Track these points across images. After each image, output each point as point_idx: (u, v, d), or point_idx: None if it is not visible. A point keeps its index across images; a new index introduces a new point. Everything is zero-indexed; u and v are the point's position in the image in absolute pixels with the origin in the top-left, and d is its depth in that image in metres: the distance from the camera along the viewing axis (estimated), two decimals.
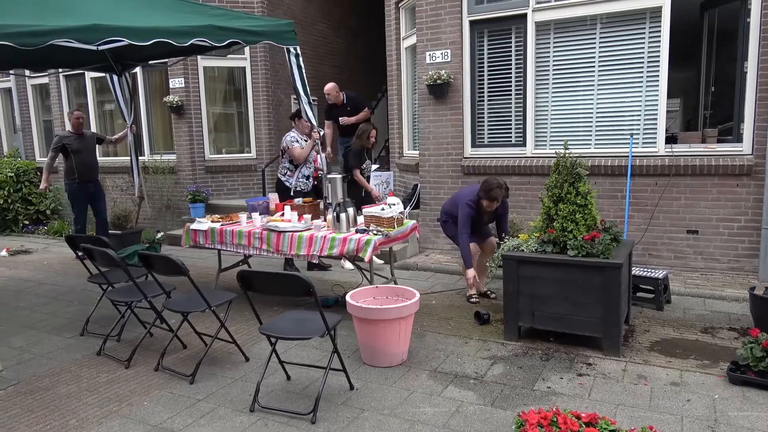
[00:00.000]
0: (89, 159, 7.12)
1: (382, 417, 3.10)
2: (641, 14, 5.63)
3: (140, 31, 4.09)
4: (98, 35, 3.89)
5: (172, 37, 4.25)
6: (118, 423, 3.13)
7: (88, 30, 3.84)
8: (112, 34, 3.93)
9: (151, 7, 4.67)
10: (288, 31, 5.11)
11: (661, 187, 5.61)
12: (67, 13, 3.92)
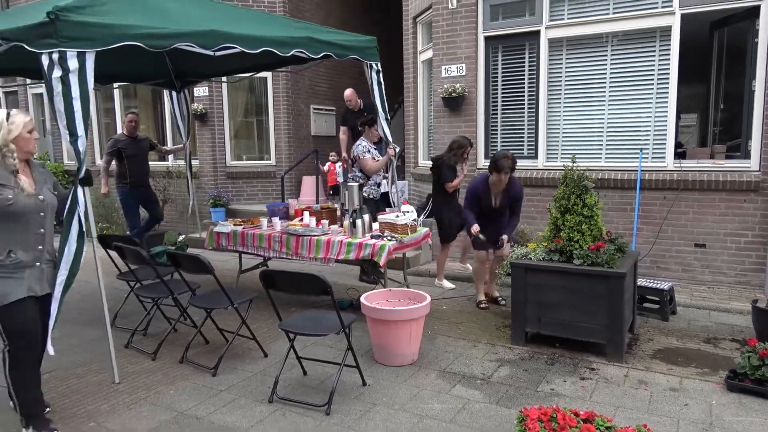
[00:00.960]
0: (142, 163, 7.05)
1: (392, 411, 3.29)
2: (652, 33, 5.80)
3: (250, 39, 4.23)
4: (215, 41, 4.04)
5: (277, 46, 4.40)
6: (146, 409, 3.37)
7: (207, 35, 3.99)
8: (227, 41, 4.07)
9: (249, 18, 4.81)
10: (371, 47, 5.26)
11: (669, 201, 5.75)
12: (178, 21, 4.04)
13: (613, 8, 5.94)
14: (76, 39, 3.35)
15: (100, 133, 11.08)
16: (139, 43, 3.64)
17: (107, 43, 3.50)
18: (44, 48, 3.32)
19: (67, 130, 3.40)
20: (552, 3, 6.22)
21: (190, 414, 3.30)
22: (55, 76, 3.32)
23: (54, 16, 3.27)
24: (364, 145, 5.89)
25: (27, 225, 2.96)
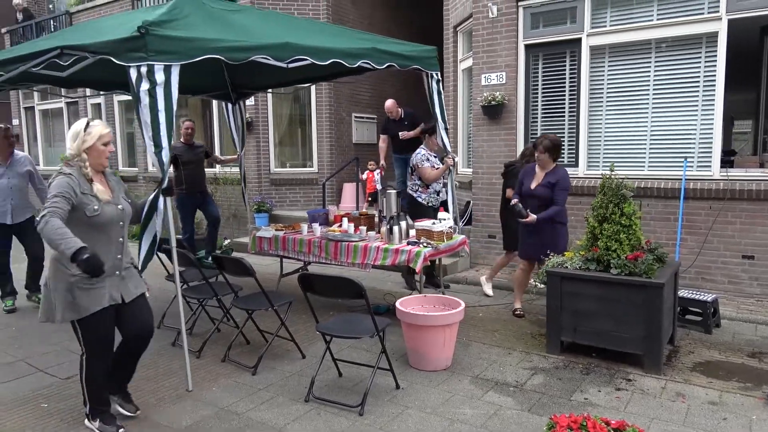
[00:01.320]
0: (197, 170, 7.20)
1: (424, 414, 3.35)
2: (697, 39, 5.68)
3: (321, 51, 4.29)
4: (289, 53, 4.09)
5: (345, 57, 4.46)
6: (190, 403, 3.54)
7: (281, 48, 4.06)
8: (299, 53, 4.13)
9: (316, 30, 4.91)
10: (432, 57, 5.32)
11: (715, 210, 5.59)
12: (253, 34, 4.12)
13: (657, 14, 5.85)
14: (163, 53, 3.45)
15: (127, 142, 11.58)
16: (220, 56, 3.72)
17: (191, 56, 3.58)
18: (132, 61, 3.40)
19: (152, 142, 3.48)
20: (594, 10, 6.17)
21: (231, 410, 3.45)
22: (143, 89, 3.41)
23: (144, 31, 3.36)
24: (423, 154, 5.91)
25: (109, 235, 3.00)
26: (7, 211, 5.44)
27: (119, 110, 11.86)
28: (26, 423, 3.32)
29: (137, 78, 3.41)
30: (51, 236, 2.67)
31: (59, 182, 2.86)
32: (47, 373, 4.07)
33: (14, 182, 5.47)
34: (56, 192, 2.81)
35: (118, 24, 4.04)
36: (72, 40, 3.82)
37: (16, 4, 13.52)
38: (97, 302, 2.95)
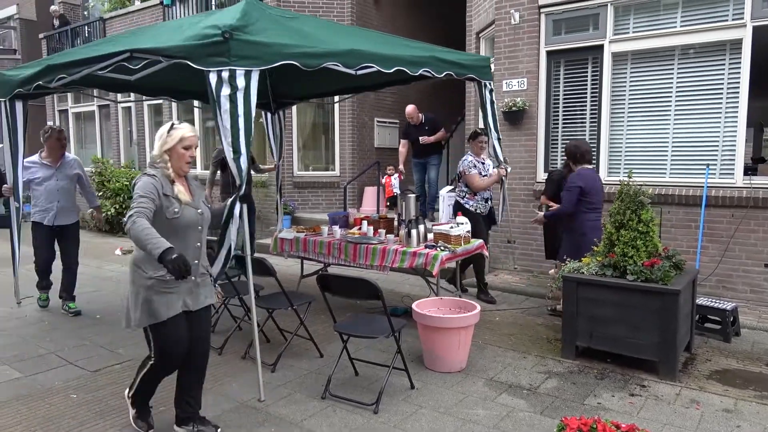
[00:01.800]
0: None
1: (438, 414, 3.42)
2: (721, 46, 5.65)
3: (386, 59, 4.22)
4: (357, 61, 4.01)
5: (408, 66, 4.38)
6: (212, 398, 3.67)
7: (350, 55, 3.99)
8: (367, 60, 4.05)
9: (376, 39, 4.86)
10: (486, 67, 5.29)
11: (737, 218, 5.54)
12: (320, 41, 4.04)
13: (681, 21, 5.84)
14: (244, 58, 3.38)
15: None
16: (296, 62, 3.63)
17: (269, 62, 3.51)
18: (213, 66, 3.34)
19: (231, 147, 3.41)
20: (617, 17, 6.18)
21: (250, 405, 3.57)
22: (224, 94, 3.34)
23: (228, 35, 3.29)
24: (470, 160, 5.85)
25: (187, 239, 2.95)
26: (53, 213, 5.42)
27: (149, 113, 12.18)
28: (57, 412, 3.49)
29: (217, 83, 3.35)
30: (139, 236, 2.64)
31: (144, 183, 2.84)
32: (77, 366, 4.25)
33: (62, 184, 5.46)
34: (141, 192, 2.79)
35: (176, 28, 3.97)
36: (136, 44, 3.77)
37: (53, 11, 14.02)
38: (172, 308, 2.89)
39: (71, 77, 4.01)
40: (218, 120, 3.40)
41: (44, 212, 5.41)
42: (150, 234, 2.66)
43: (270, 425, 3.31)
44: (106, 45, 4.29)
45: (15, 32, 17.61)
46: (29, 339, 4.86)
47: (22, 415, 3.45)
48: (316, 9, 9.28)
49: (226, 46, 3.33)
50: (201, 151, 11.20)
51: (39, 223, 5.43)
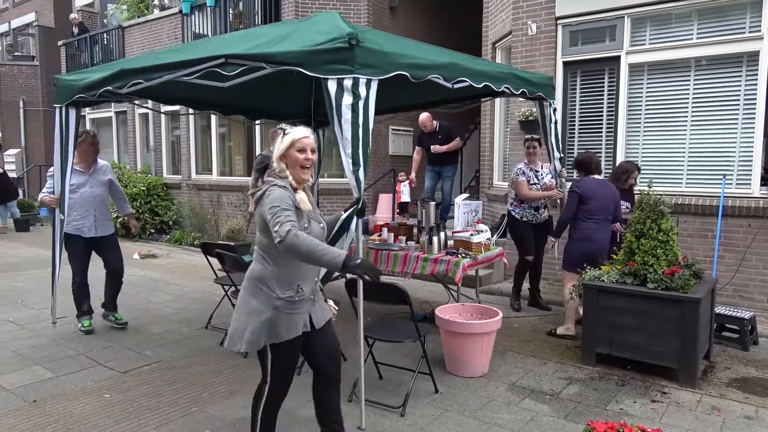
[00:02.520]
0: None
1: (463, 417, 3.49)
2: (738, 58, 5.72)
3: (477, 74, 4.18)
4: (455, 74, 3.95)
5: (493, 81, 4.35)
6: (240, 399, 3.76)
7: (450, 68, 3.94)
8: (461, 74, 3.99)
9: (457, 55, 4.71)
10: (550, 86, 5.31)
11: (754, 228, 5.59)
12: (419, 54, 3.93)
13: (698, 33, 5.92)
14: (366, 66, 3.28)
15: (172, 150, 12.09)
16: (407, 73, 3.54)
17: (386, 72, 3.41)
18: (332, 73, 3.22)
19: (350, 159, 3.25)
20: (633, 28, 6.27)
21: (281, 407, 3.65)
22: (346, 103, 3.23)
23: (355, 42, 3.20)
24: (519, 167, 5.85)
25: None
26: (91, 223, 5.09)
27: (165, 121, 12.36)
28: (93, 411, 3.59)
29: (338, 91, 3.23)
30: (310, 247, 2.46)
31: (281, 195, 2.58)
32: (106, 367, 4.36)
33: (97, 191, 5.15)
34: (283, 206, 2.54)
35: (255, 37, 3.91)
36: (221, 50, 3.60)
37: (72, 19, 14.29)
38: (294, 329, 2.70)
39: (149, 83, 3.83)
40: (337, 130, 3.26)
41: (81, 223, 5.05)
42: (320, 244, 2.51)
43: (300, 426, 3.40)
44: (177, 53, 4.17)
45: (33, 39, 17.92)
46: (58, 340, 4.97)
47: (58, 413, 3.56)
48: None
49: (351, 53, 3.21)
50: (218, 158, 11.36)
51: (75, 236, 5.03)
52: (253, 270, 2.72)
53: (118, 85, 4.02)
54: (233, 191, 10.47)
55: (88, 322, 5.18)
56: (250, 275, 2.73)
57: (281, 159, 2.69)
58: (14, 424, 3.41)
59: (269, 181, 2.69)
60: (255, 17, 10.22)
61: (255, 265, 2.74)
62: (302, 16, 9.36)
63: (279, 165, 2.69)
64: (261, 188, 2.69)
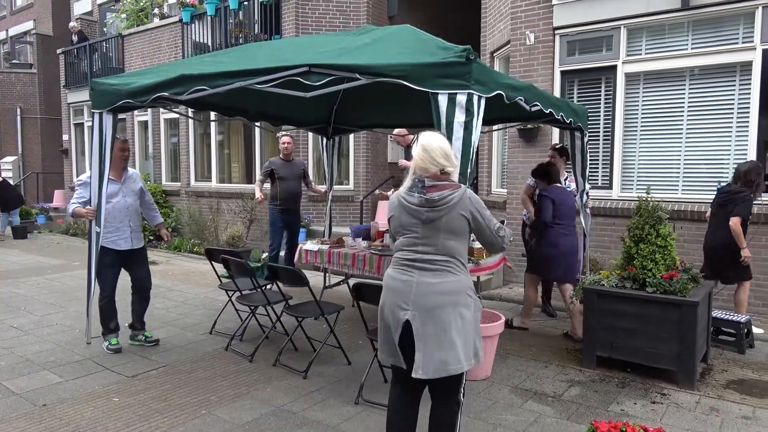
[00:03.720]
0: (293, 186, 7.02)
1: (468, 419, 3.56)
2: (731, 67, 5.86)
3: (546, 99, 4.27)
4: (533, 98, 3.95)
5: (555, 108, 4.40)
6: (248, 402, 3.81)
7: (528, 91, 3.96)
8: (537, 99, 4.01)
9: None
10: (586, 117, 5.42)
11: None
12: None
13: (692, 44, 6.06)
14: (479, 83, 3.21)
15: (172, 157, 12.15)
16: (503, 92, 3.49)
17: (491, 90, 3.35)
18: (444, 88, 3.14)
19: (460, 174, 3.11)
20: (629, 39, 6.41)
21: (287, 409, 3.72)
22: (458, 121, 3.14)
23: (473, 57, 3.13)
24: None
25: None
26: (127, 235, 4.80)
27: (165, 127, 12.43)
28: (102, 414, 3.63)
29: (449, 107, 3.14)
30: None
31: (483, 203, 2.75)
32: (113, 371, 4.39)
33: (129, 201, 4.84)
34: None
35: (328, 44, 3.97)
36: (292, 59, 3.59)
37: (71, 27, 14.36)
38: None
39: (214, 90, 3.74)
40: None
41: (116, 235, 4.75)
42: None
43: (308, 428, 3.45)
44: (235, 60, 4.09)
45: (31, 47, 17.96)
46: (64, 345, 5.01)
47: (69, 417, 3.60)
48: (334, 26, 9.55)
49: (468, 68, 3.13)
50: (217, 165, 11.42)
51: (109, 249, 4.72)
52: (462, 280, 2.65)
53: (177, 90, 3.90)
54: (233, 198, 10.53)
55: (115, 340, 4.88)
56: (458, 287, 2.62)
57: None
58: (25, 428, 3.44)
59: (456, 184, 2.68)
60: (254, 26, 10.33)
61: (460, 276, 2.64)
62: (302, 25, 9.47)
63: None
64: (455, 192, 2.62)
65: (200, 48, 11.01)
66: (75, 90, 14.32)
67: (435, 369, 2.56)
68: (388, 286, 2.72)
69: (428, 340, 2.56)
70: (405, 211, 2.67)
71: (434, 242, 2.61)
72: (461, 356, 2.58)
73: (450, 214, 2.58)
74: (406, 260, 2.67)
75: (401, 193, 2.71)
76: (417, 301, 2.58)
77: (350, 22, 9.54)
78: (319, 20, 9.55)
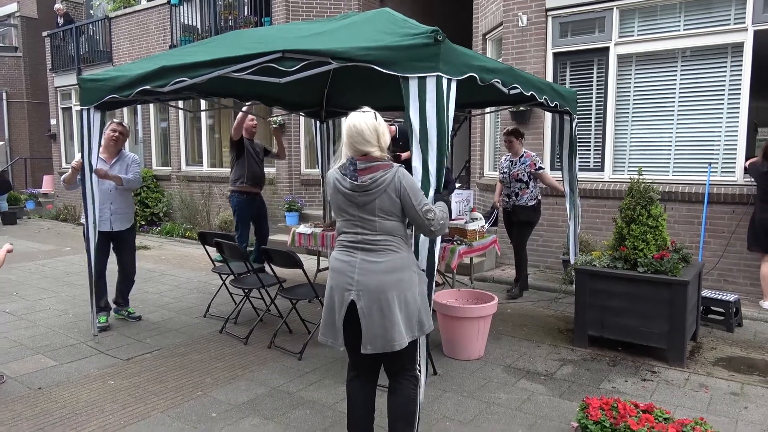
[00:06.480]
0: (258, 168, 6.69)
1: (462, 398, 3.61)
2: (723, 49, 5.88)
3: (526, 82, 4.21)
4: (511, 79, 3.91)
5: (537, 91, 4.35)
6: (244, 383, 3.84)
7: (508, 73, 3.91)
8: (515, 81, 3.96)
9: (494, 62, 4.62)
10: (576, 100, 5.39)
11: (738, 215, 5.77)
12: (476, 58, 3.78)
13: (684, 25, 6.06)
14: (448, 65, 3.12)
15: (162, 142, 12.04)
16: (476, 75, 3.43)
17: (462, 73, 3.28)
18: (412, 71, 3.07)
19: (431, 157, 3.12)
20: (622, 20, 6.39)
21: (282, 390, 3.74)
22: (430, 105, 3.07)
23: (441, 38, 3.02)
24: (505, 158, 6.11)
25: None
26: (106, 217, 4.86)
27: (154, 111, 12.29)
28: (98, 397, 3.65)
29: (420, 91, 3.08)
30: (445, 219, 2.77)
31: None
32: (108, 355, 4.40)
33: (112, 185, 4.87)
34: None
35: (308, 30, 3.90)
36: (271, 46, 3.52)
37: (57, 9, 14.08)
38: None
39: (193, 80, 3.70)
40: (416, 128, 3.12)
41: (97, 216, 4.72)
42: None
43: (305, 408, 3.49)
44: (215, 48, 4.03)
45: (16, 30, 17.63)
46: (57, 330, 5.00)
47: (65, 399, 3.61)
48: (324, 9, 9.44)
49: (436, 49, 3.03)
50: (208, 150, 11.34)
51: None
52: (405, 256, 2.67)
53: (159, 83, 3.86)
54: (224, 182, 10.46)
55: (104, 318, 5.00)
56: (404, 262, 2.65)
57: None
58: (21, 411, 3.45)
59: (388, 164, 2.63)
60: (244, 8, 10.19)
61: (401, 253, 2.65)
62: (292, 7, 9.36)
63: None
64: (387, 173, 2.59)
65: (189, 31, 10.86)
66: (62, 74, 14.11)
67: (382, 345, 2.59)
68: (333, 267, 2.72)
69: (373, 318, 2.58)
70: (341, 195, 2.65)
71: (371, 224, 2.61)
72: (404, 331, 2.61)
73: (382, 197, 2.58)
74: (348, 242, 2.67)
75: (335, 174, 2.68)
76: (361, 281, 2.59)
77: (341, 4, 9.44)
78: (310, 1, 9.43)
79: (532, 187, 5.89)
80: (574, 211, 5.65)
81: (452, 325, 4.23)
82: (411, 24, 3.45)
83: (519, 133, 6.04)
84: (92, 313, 4.83)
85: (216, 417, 3.38)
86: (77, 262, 8.10)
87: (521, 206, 5.92)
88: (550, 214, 6.92)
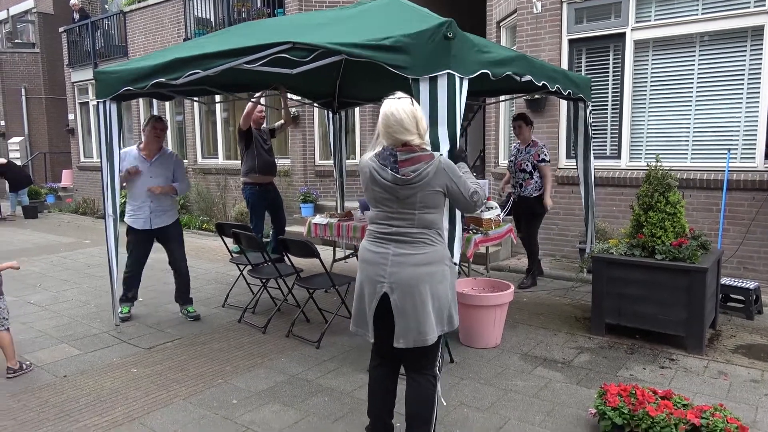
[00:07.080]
0: (269, 156, 6.73)
1: (479, 385, 3.63)
2: (742, 32, 5.77)
3: (538, 70, 4.17)
4: (524, 69, 3.91)
5: (549, 80, 4.33)
6: (263, 371, 3.90)
7: (520, 64, 3.89)
8: (527, 70, 3.95)
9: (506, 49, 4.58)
10: (590, 88, 5.38)
11: (758, 201, 5.69)
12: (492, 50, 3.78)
13: (702, 9, 5.96)
14: (459, 61, 3.11)
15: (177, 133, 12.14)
16: (488, 71, 3.40)
17: (473, 71, 3.25)
18: (424, 72, 3.07)
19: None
20: (638, 5, 6.30)
21: (301, 377, 3.79)
22: (441, 104, 3.06)
23: (452, 35, 3.00)
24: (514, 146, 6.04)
25: None
26: (146, 216, 4.86)
27: (170, 104, 12.37)
28: (122, 384, 3.73)
29: (431, 88, 3.05)
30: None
31: None
32: (130, 344, 4.49)
33: (155, 182, 4.82)
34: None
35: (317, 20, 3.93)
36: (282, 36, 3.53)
37: (72, 5, 14.23)
38: None
39: (206, 72, 3.70)
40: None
41: (136, 214, 4.86)
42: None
43: (323, 395, 3.53)
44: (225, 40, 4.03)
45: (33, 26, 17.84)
46: (80, 320, 5.10)
47: (89, 387, 3.69)
48: (335, 1, 9.42)
49: (447, 47, 2.97)
50: (224, 142, 11.42)
51: (129, 226, 4.93)
52: (439, 249, 2.60)
53: (173, 76, 3.85)
54: (239, 174, 10.52)
55: (126, 309, 5.05)
56: (436, 256, 2.57)
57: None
58: (48, 398, 3.54)
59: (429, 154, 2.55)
60: (256, 0, 10.20)
61: (436, 246, 2.59)
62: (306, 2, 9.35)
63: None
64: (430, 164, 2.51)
65: (203, 24, 10.91)
66: (79, 69, 14.27)
67: (414, 339, 2.55)
68: (364, 258, 2.67)
69: (407, 312, 2.53)
70: (379, 187, 2.54)
71: (410, 217, 2.54)
72: (435, 325, 2.57)
73: (424, 190, 2.50)
74: (381, 233, 2.60)
75: (372, 164, 2.57)
76: (394, 274, 2.54)
77: None
78: None
79: (537, 177, 5.83)
80: (589, 199, 5.60)
81: (469, 314, 4.24)
82: (424, 13, 3.44)
83: (528, 118, 5.96)
84: (113, 303, 4.91)
85: (237, 404, 3.44)
86: (97, 254, 8.23)
87: (525, 197, 5.87)
88: (566, 202, 6.88)
